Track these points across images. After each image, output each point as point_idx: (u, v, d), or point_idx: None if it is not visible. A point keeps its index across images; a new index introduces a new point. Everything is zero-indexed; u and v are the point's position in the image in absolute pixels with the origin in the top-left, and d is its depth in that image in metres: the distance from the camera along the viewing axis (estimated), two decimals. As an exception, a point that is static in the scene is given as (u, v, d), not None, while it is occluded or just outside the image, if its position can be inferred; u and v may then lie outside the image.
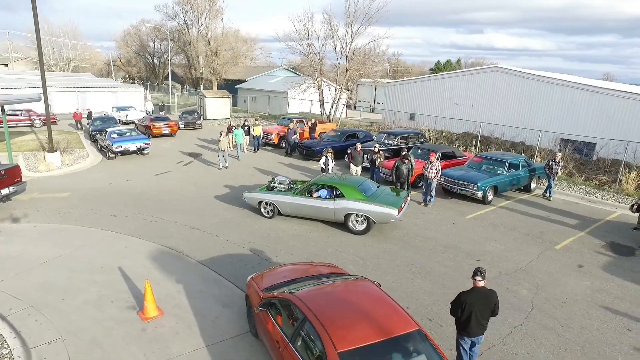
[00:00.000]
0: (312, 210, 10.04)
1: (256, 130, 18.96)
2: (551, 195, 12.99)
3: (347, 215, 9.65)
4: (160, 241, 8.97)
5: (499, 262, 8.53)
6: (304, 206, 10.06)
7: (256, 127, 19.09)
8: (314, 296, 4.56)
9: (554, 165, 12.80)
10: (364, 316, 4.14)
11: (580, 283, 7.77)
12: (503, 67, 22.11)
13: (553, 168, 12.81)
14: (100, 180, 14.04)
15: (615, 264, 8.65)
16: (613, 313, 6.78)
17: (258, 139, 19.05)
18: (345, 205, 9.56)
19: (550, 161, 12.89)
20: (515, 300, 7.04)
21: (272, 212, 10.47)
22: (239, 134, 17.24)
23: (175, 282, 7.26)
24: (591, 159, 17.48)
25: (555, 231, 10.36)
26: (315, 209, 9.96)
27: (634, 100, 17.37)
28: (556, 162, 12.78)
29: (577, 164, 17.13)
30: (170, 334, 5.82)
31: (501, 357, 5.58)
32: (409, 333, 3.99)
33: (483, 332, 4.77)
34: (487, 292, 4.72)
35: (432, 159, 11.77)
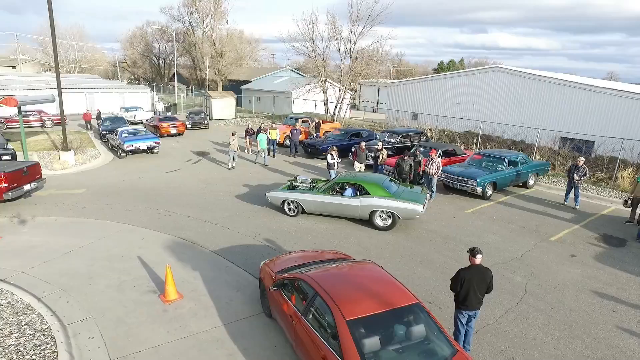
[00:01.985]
0: (338, 208, 10.23)
1: (272, 134, 18.09)
2: (577, 204, 11.87)
3: (373, 212, 9.91)
4: (173, 233, 9.50)
5: (496, 252, 8.98)
6: (329, 204, 10.27)
7: (272, 130, 18.30)
8: (323, 275, 5.05)
9: (575, 173, 11.62)
10: (368, 291, 4.63)
11: (572, 271, 8.21)
12: (504, 67, 22.55)
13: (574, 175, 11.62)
14: (112, 177, 14.61)
15: (607, 254, 9.08)
16: (601, 297, 7.22)
17: (274, 142, 18.24)
18: (371, 202, 9.83)
19: (572, 167, 11.94)
20: (510, 286, 7.49)
21: (296, 211, 10.62)
22: (262, 140, 16.36)
23: (191, 270, 7.78)
24: (589, 157, 17.86)
25: (550, 224, 10.79)
26: (341, 207, 10.17)
27: (632, 99, 17.75)
28: (578, 168, 11.66)
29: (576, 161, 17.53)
30: (189, 314, 6.33)
31: (494, 334, 6.04)
32: (409, 305, 4.47)
33: (479, 307, 5.23)
34: (483, 269, 5.20)
35: (433, 156, 12.24)
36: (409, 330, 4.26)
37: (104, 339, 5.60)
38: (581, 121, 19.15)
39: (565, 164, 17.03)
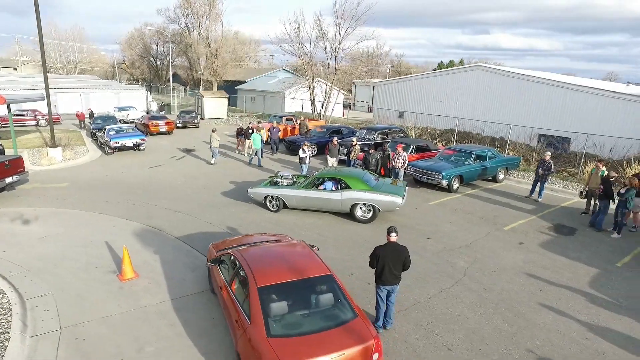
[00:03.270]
0: (319, 202, 10.52)
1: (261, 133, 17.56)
2: (540, 197, 12.37)
3: (354, 205, 10.22)
4: (144, 221, 10.04)
5: (448, 239, 9.43)
6: (311, 198, 10.54)
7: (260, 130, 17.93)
8: (250, 251, 5.56)
9: (540, 167, 12.10)
10: (286, 264, 5.13)
11: (516, 257, 8.63)
12: (485, 65, 22.94)
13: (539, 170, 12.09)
14: (97, 172, 15.20)
15: (554, 241, 9.50)
16: (533, 278, 7.65)
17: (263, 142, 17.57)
18: (352, 196, 10.15)
19: (539, 162, 12.29)
20: (451, 270, 7.93)
21: (278, 206, 10.87)
22: (257, 140, 16.10)
23: (153, 253, 8.30)
24: (564, 153, 18.21)
25: (509, 215, 11.21)
26: (323, 201, 10.45)
27: (604, 97, 18.10)
28: (544, 163, 12.09)
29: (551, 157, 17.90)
30: (142, 291, 6.85)
31: (422, 311, 6.50)
32: (320, 276, 4.95)
33: (397, 282, 5.69)
34: (399, 247, 5.65)
35: (399, 150, 12.71)
36: (317, 297, 4.75)
37: (59, 311, 6.13)
38: (558, 118, 19.51)
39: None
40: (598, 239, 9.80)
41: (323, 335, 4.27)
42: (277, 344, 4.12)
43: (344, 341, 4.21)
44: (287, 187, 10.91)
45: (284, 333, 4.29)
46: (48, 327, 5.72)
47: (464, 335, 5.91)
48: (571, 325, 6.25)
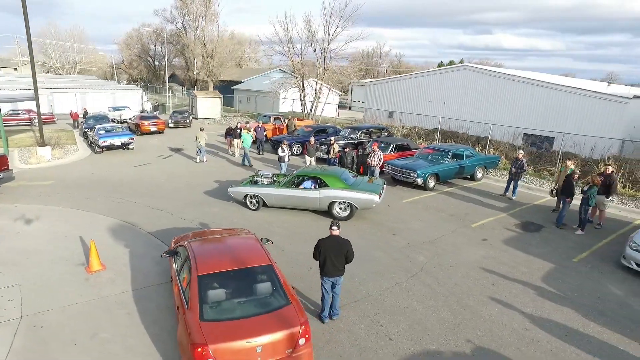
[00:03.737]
0: (298, 201, 10.71)
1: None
2: (514, 195, 12.54)
3: (332, 203, 10.41)
4: (121, 217, 10.35)
5: (413, 236, 9.66)
6: (289, 197, 10.73)
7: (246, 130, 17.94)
8: (199, 242, 5.85)
9: (514, 165, 12.23)
10: (230, 255, 5.42)
11: (476, 252, 8.86)
12: (472, 65, 23.12)
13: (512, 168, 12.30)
14: (84, 171, 15.55)
15: (518, 238, 9.71)
16: (489, 273, 7.88)
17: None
18: (329, 194, 10.35)
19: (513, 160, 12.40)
20: (409, 265, 8.17)
21: (257, 205, 11.05)
22: (247, 139, 16.22)
23: (124, 247, 8.60)
24: (546, 152, 18.38)
25: (479, 213, 11.42)
26: (301, 199, 10.64)
27: (586, 97, 18.25)
28: (517, 161, 12.21)
29: (533, 156, 18.10)
30: (107, 282, 7.14)
31: (371, 303, 6.74)
32: (260, 266, 5.23)
33: (339, 274, 5.93)
34: (341, 240, 5.89)
35: (375, 149, 12.96)
36: (254, 285, 5.02)
37: (22, 301, 6.43)
38: (542, 117, 19.67)
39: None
40: (562, 235, 10.01)
41: (253, 320, 4.55)
42: (207, 327, 4.40)
43: (271, 326, 4.48)
44: (267, 186, 11.11)
45: (216, 317, 4.57)
46: (9, 315, 6.03)
47: (408, 326, 6.16)
48: (515, 317, 6.49)
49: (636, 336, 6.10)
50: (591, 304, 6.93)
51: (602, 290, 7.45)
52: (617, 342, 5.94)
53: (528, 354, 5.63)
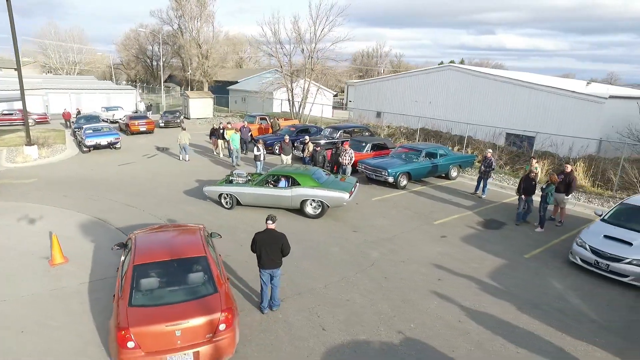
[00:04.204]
0: (271, 199, 10.95)
1: (228, 134, 17.66)
2: (484, 194, 12.80)
3: (304, 202, 10.65)
4: (93, 214, 10.71)
5: (373, 232, 9.92)
6: (262, 195, 10.96)
7: (229, 131, 17.92)
8: (145, 235, 6.18)
9: (483, 164, 12.52)
10: (169, 246, 5.75)
11: (433, 249, 9.10)
12: (457, 65, 23.30)
13: (482, 167, 12.54)
14: (68, 169, 15.97)
15: (477, 235, 9.94)
16: (438, 269, 8.12)
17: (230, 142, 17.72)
18: (301, 192, 10.60)
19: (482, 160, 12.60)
20: (362, 260, 8.44)
21: (232, 203, 11.25)
22: (235, 139, 16.15)
23: (90, 242, 8.96)
24: (524, 151, 18.54)
25: (445, 210, 11.65)
26: (274, 198, 10.89)
27: (565, 97, 18.37)
28: (486, 160, 12.43)
29: (512, 155, 18.28)
30: (67, 274, 7.49)
31: (314, 295, 7.02)
32: (193, 257, 5.56)
33: (276, 267, 6.22)
34: (276, 234, 6.18)
35: (346, 148, 13.23)
36: (185, 275, 5.35)
37: (-18, 291, 6.81)
38: (524, 117, 19.82)
39: (502, 157, 17.82)
40: (522, 232, 10.23)
41: (177, 306, 4.87)
42: (133, 312, 4.74)
43: (192, 312, 4.79)
44: (241, 185, 11.35)
45: (143, 303, 4.90)
46: (-34, 304, 6.40)
47: (344, 318, 6.43)
48: (451, 310, 6.73)
49: (563, 327, 6.34)
50: (529, 298, 7.17)
51: (544, 284, 7.68)
52: (543, 333, 6.18)
53: (455, 344, 5.89)
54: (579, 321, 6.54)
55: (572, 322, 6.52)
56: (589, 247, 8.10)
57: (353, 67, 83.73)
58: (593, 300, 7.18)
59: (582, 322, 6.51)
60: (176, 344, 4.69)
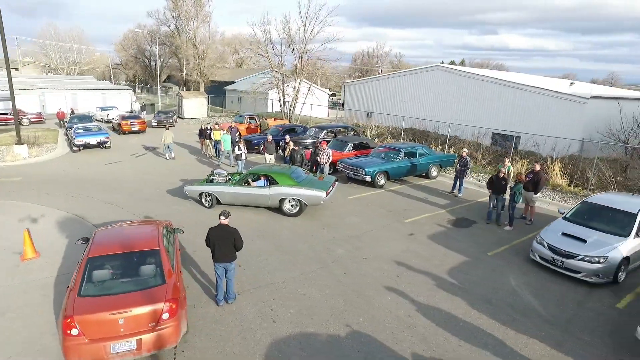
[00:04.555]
0: (250, 198, 11.11)
1: (216, 135, 18.12)
2: (460, 193, 13.04)
3: (282, 200, 10.85)
4: (73, 211, 10.98)
5: (343, 230, 10.11)
6: (242, 194, 11.11)
7: (216, 131, 18.20)
8: (105, 230, 6.45)
9: (459, 163, 12.73)
10: (125, 240, 6.02)
11: (397, 246, 9.28)
12: (444, 66, 23.41)
13: (458, 166, 12.76)
14: (56, 168, 16.29)
15: (445, 233, 10.11)
16: (399, 265, 8.30)
17: (218, 143, 17.92)
18: (279, 191, 10.79)
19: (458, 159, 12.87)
20: (325, 257, 8.63)
21: (212, 202, 11.41)
22: (227, 140, 16.19)
23: (65, 237, 9.22)
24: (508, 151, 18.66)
25: (419, 209, 11.82)
26: (253, 197, 11.04)
27: (548, 97, 18.46)
28: (461, 159, 12.74)
29: (496, 155, 18.39)
30: (37, 268, 7.76)
31: (271, 289, 7.22)
32: (145, 250, 5.80)
33: (229, 260, 6.43)
34: (229, 229, 6.40)
35: (324, 147, 13.43)
36: (137, 267, 5.60)
37: (-48, 284, 7.09)
38: (509, 117, 19.92)
39: (486, 157, 17.96)
40: (490, 231, 10.39)
41: (123, 296, 5.11)
42: (80, 302, 4.99)
43: (136, 302, 5.03)
44: (220, 184, 11.52)
45: (91, 294, 5.15)
46: None
47: (296, 311, 6.64)
48: (403, 305, 6.91)
49: (509, 322, 6.51)
50: (482, 294, 7.34)
51: (501, 281, 7.84)
52: (489, 327, 6.36)
53: (399, 338, 6.07)
54: (526, 316, 6.72)
55: (520, 316, 6.69)
56: (546, 245, 8.27)
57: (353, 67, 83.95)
58: (545, 296, 7.35)
59: (529, 317, 6.69)
60: (119, 331, 4.92)
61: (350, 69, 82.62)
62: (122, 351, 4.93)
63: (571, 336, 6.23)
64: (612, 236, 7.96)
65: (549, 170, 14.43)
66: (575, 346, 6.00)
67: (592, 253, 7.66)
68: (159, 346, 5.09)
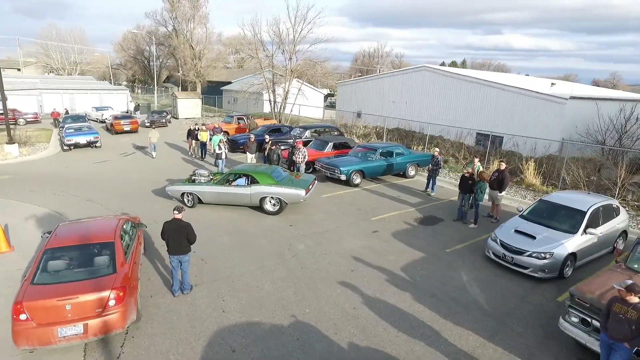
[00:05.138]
0: (231, 197, 11.35)
1: (202, 136, 18.28)
2: (433, 191, 13.34)
3: (263, 199, 11.12)
4: (52, 208, 11.40)
5: (309, 227, 10.43)
6: (223, 194, 11.35)
7: (203, 132, 18.40)
8: (68, 224, 6.86)
9: (431, 162, 13.05)
10: (85, 233, 6.44)
11: (358, 242, 9.57)
12: (430, 66, 23.63)
13: (430, 165, 13.08)
14: (45, 167, 16.78)
15: (409, 230, 10.40)
16: (355, 261, 8.60)
17: (204, 144, 18.31)
18: (259, 190, 11.07)
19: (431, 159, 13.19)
20: (286, 252, 8.96)
21: (193, 202, 11.63)
22: (216, 141, 15.90)
23: (41, 233, 9.63)
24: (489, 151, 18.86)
25: (389, 207, 12.11)
26: (234, 196, 11.30)
27: (530, 97, 18.64)
28: (434, 159, 13.05)
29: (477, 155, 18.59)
30: (9, 261, 8.17)
31: (228, 282, 7.56)
32: (100, 242, 6.22)
33: (183, 253, 6.78)
34: (182, 223, 6.77)
35: (300, 146, 13.76)
36: (90, 257, 6.00)
37: None
38: (492, 117, 20.12)
39: (467, 157, 18.18)
40: (455, 228, 10.66)
41: (72, 284, 5.49)
42: (31, 289, 5.38)
43: (84, 289, 5.41)
44: (202, 184, 11.73)
45: (43, 282, 5.54)
46: None
47: (247, 302, 6.98)
48: (351, 298, 7.22)
49: (449, 314, 6.80)
50: (430, 288, 7.62)
51: (452, 276, 8.12)
52: (428, 320, 6.64)
53: (340, 328, 6.38)
54: (467, 309, 7.00)
55: (461, 309, 6.98)
56: (499, 242, 8.54)
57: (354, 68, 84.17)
58: (491, 291, 7.62)
59: (470, 310, 6.97)
60: (67, 317, 5.29)
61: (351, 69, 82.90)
62: (69, 335, 5.30)
63: (505, 328, 6.52)
64: (561, 233, 8.23)
65: (523, 170, 14.66)
66: (507, 337, 6.29)
67: (539, 249, 7.93)
68: (105, 331, 5.46)
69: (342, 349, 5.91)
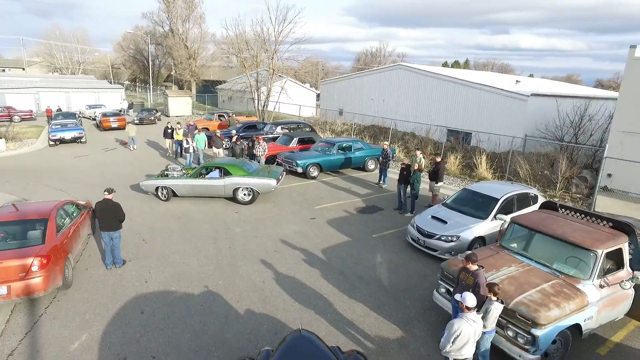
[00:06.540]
0: (205, 189, 11.88)
1: (177, 135, 17.99)
2: (384, 183, 14.02)
3: (236, 190, 11.75)
4: (22, 196, 12.35)
5: (252, 214, 11.18)
6: (197, 186, 11.87)
7: (178, 132, 17.93)
8: (12, 205, 7.75)
9: (381, 155, 13.78)
10: (24, 211, 7.35)
11: (292, 228, 10.28)
12: (405, 65, 24.16)
13: (380, 158, 13.84)
14: (27, 161, 17.84)
15: (344, 218, 11.07)
16: (281, 243, 9.31)
17: (180, 142, 17.90)
18: (233, 181, 11.69)
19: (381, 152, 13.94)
20: (222, 234, 9.72)
21: (167, 195, 12.08)
22: (200, 140, 16.30)
23: None
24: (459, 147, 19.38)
25: (336, 197, 12.79)
26: (208, 187, 11.84)
27: (495, 94, 19.10)
28: (383, 152, 13.68)
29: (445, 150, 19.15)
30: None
31: (160, 259, 8.35)
32: (36, 219, 7.11)
33: (113, 230, 7.61)
34: (112, 203, 7.61)
35: (260, 141, 14.53)
36: (24, 231, 6.87)
37: None
38: (463, 114, 20.61)
39: (434, 152, 18.74)
40: (390, 217, 11.29)
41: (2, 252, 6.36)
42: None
43: (9, 256, 6.27)
44: (176, 178, 12.22)
45: (-24, 250, 6.44)
46: None
47: (169, 275, 7.77)
48: (264, 274, 7.93)
49: (349, 289, 7.44)
50: (341, 268, 8.29)
51: (367, 258, 8.77)
52: (327, 293, 7.31)
53: (243, 297, 7.11)
54: (368, 285, 7.66)
55: (362, 285, 7.65)
56: (415, 226, 9.18)
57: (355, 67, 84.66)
58: (398, 271, 8.27)
59: (369, 286, 7.63)
60: (-8, 280, 6.17)
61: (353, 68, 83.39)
62: (-5, 295, 6.17)
63: (395, 301, 7.16)
64: (472, 218, 8.84)
65: (477, 165, 15.21)
66: (392, 308, 6.94)
67: (447, 233, 8.55)
68: (28, 292, 6.30)
69: (238, 314, 6.65)
